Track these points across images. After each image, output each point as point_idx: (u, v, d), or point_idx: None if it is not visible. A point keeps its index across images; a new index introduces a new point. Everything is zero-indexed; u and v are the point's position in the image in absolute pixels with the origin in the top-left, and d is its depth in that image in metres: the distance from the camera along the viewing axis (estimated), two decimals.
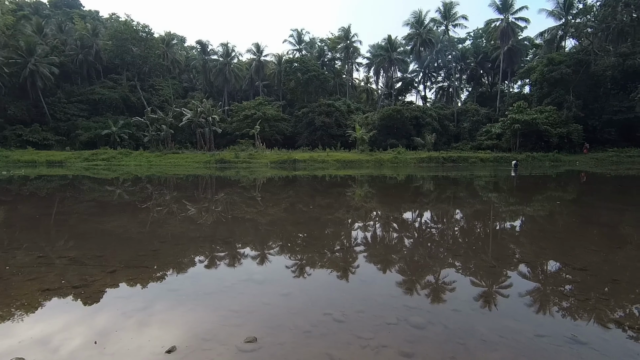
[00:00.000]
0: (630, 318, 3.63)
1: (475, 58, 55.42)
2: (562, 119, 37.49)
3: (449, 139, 45.06)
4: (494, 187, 18.13)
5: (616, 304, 4.00)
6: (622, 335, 3.27)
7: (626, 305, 3.97)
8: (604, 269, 5.25)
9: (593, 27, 39.03)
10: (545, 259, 5.94)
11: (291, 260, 5.85)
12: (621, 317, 3.65)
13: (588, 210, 11.27)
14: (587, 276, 4.91)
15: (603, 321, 3.54)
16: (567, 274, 5.19)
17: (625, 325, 3.44)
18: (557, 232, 8.08)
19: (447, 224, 9.34)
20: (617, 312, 3.79)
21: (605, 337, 3.23)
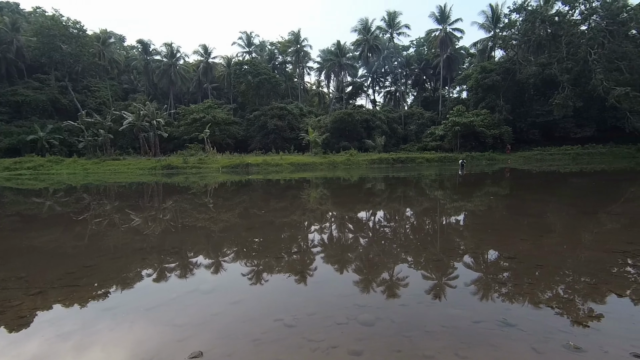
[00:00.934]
0: (553, 299, 4.04)
1: (418, 65, 58.79)
2: (495, 121, 41.13)
3: (397, 141, 47.18)
4: (440, 185, 19.30)
5: (541, 287, 4.43)
6: (545, 314, 3.62)
7: (549, 288, 4.42)
8: (531, 255, 5.80)
9: (517, 39, 43.45)
10: (485, 250, 6.42)
11: (245, 267, 5.67)
12: (545, 299, 4.04)
13: (518, 203, 12.44)
14: (518, 263, 5.39)
15: (530, 303, 3.90)
16: (502, 261, 5.65)
17: (549, 305, 3.82)
18: (493, 225, 8.79)
19: (399, 222, 9.73)
20: (542, 294, 4.19)
21: (531, 317, 3.56)
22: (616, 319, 3.48)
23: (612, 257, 5.49)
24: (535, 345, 2.95)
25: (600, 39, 36.12)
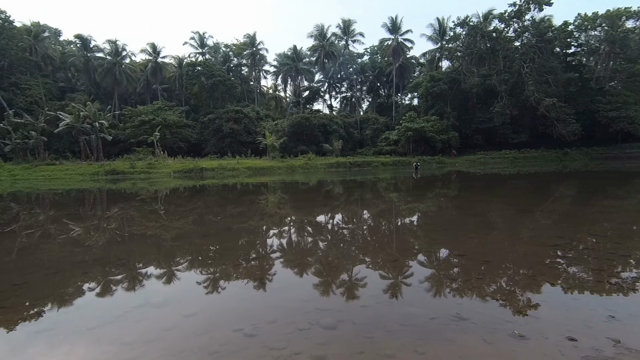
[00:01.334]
0: (498, 292, 4.35)
1: (373, 72, 60.89)
2: (443, 127, 43.80)
3: (354, 145, 48.32)
4: (395, 188, 20.04)
5: (488, 281, 4.75)
6: (492, 307, 3.88)
7: (495, 282, 4.75)
8: (478, 252, 6.21)
9: (461, 51, 46.87)
10: (437, 248, 6.76)
11: (201, 276, 5.40)
12: (491, 292, 4.34)
13: (465, 203, 13.30)
14: (467, 260, 5.74)
15: (478, 297, 4.16)
16: (453, 259, 5.98)
17: (495, 298, 4.10)
18: (444, 224, 9.30)
19: (357, 224, 9.91)
20: (488, 288, 4.50)
21: (481, 310, 3.79)
22: (551, 307, 3.83)
23: (545, 251, 6.05)
24: (485, 336, 3.14)
25: (531, 54, 40.16)
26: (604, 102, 41.05)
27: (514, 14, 41.62)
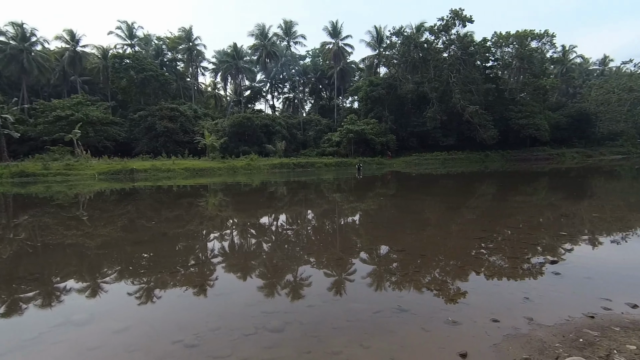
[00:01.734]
0: (434, 283, 4.68)
1: (315, 74, 61.74)
2: (382, 130, 46.07)
3: (297, 146, 48.45)
4: (338, 188, 20.53)
5: (424, 273, 5.10)
6: (429, 297, 4.17)
7: (430, 273, 5.11)
8: (415, 247, 6.64)
9: (397, 59, 49.79)
10: (378, 245, 7.07)
11: (132, 287, 4.93)
12: (428, 283, 4.66)
13: (403, 202, 14.14)
14: (405, 255, 6.10)
15: (416, 289, 4.44)
16: (392, 254, 6.31)
17: (430, 289, 4.42)
18: (384, 222, 9.76)
19: (301, 225, 9.93)
20: (424, 279, 4.83)
21: (419, 301, 4.06)
22: (478, 293, 4.24)
23: (471, 243, 6.69)
24: (423, 325, 3.35)
25: (457, 65, 44.21)
26: (515, 110, 46.84)
27: (442, 28, 45.46)
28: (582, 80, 64.37)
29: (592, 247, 6.56)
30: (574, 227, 8.26)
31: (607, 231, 7.94)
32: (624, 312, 3.49)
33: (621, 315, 3.41)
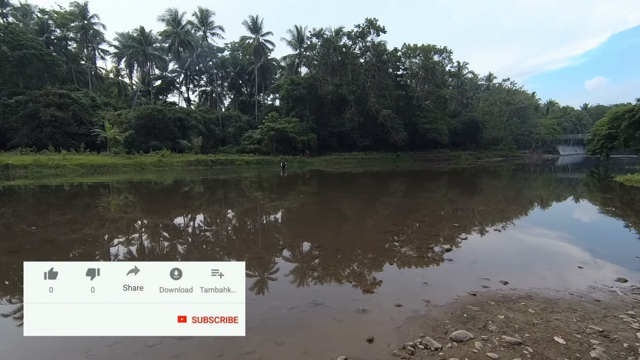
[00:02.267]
0: (349, 275, 4.98)
1: (234, 68, 59.54)
2: (303, 129, 46.83)
3: (216, 143, 46.18)
4: (260, 186, 20.21)
5: (342, 267, 5.38)
6: (344, 289, 4.43)
7: (348, 267, 5.42)
8: (334, 242, 6.96)
9: (317, 60, 51.13)
10: (299, 242, 7.20)
11: (9, 306, 4.11)
12: (345, 276, 4.94)
13: (323, 199, 14.64)
14: (325, 250, 6.34)
15: (334, 282, 4.67)
16: (313, 250, 6.50)
17: (347, 281, 4.69)
18: (305, 219, 9.98)
19: (221, 224, 9.52)
20: (342, 272, 5.10)
21: (334, 294, 4.28)
22: (387, 282, 4.66)
23: (385, 236, 7.29)
24: (337, 316, 3.54)
25: (372, 71, 47.40)
26: (421, 116, 52.38)
27: (359, 34, 48.24)
28: (472, 93, 75.20)
29: (478, 236, 7.75)
30: (467, 219, 9.63)
31: (490, 221, 9.46)
32: (498, 289, 4.22)
33: (496, 291, 4.11)
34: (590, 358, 2.63)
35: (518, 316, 3.38)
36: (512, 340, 2.87)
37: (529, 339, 2.92)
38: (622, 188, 15.41)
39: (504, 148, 67.54)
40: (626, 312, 3.46)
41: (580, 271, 4.90)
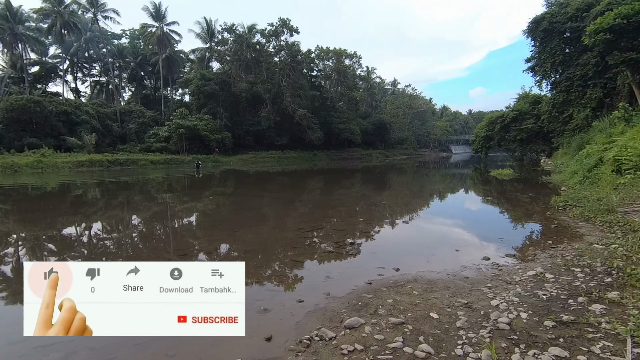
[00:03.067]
0: (255, 277, 4.92)
1: (134, 58, 53.64)
2: (217, 127, 44.70)
3: (114, 140, 41.06)
4: (169, 188, 18.59)
5: (259, 266, 5.27)
6: (254, 290, 4.35)
7: (267, 266, 5.34)
8: (254, 242, 6.80)
9: (230, 56, 49.33)
10: (217, 245, 6.87)
11: None
12: (259, 277, 4.85)
13: (241, 199, 14.15)
14: (244, 252, 6.17)
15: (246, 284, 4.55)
16: (232, 252, 6.26)
17: (253, 283, 4.62)
18: (222, 221, 9.53)
19: (124, 231, 8.48)
20: (257, 272, 5.00)
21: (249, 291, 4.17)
22: (292, 280, 4.73)
23: (295, 234, 7.40)
24: None
25: (287, 70, 47.73)
26: (335, 116, 54.76)
27: (272, 33, 48.08)
28: (380, 96, 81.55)
29: (381, 228, 8.43)
30: (373, 213, 10.39)
31: (393, 214, 10.38)
32: (390, 275, 4.64)
33: (388, 278, 4.52)
34: (456, 327, 3.07)
35: (404, 298, 3.77)
36: (396, 321, 3.18)
37: (411, 318, 3.28)
38: (496, 181, 18.50)
39: (408, 147, 75.07)
40: (486, 285, 4.15)
41: (457, 253, 5.71)
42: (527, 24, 25.19)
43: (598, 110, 20.93)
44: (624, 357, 2.45)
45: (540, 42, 24.94)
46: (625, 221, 6.27)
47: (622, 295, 3.48)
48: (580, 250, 5.24)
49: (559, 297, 3.62)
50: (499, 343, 2.75)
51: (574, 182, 11.93)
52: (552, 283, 4.04)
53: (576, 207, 8.25)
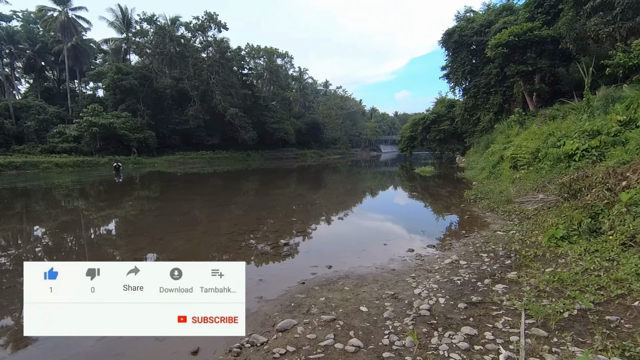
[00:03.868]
0: None
1: (31, 45, 46.14)
2: (138, 125, 40.80)
3: (7, 140, 34.87)
4: (81, 194, 16.34)
5: None
6: None
7: None
8: (184, 249, 6.31)
9: (151, 49, 45.44)
10: (142, 254, 6.22)
11: None
12: None
13: (169, 203, 13.01)
14: (173, 259, 5.66)
15: None
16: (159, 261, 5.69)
17: None
18: (148, 228, 8.66)
19: (24, 246, 7.17)
20: None
21: None
22: None
23: (241, 236, 7.10)
24: (159, 335, 3.17)
25: (216, 67, 45.67)
26: (269, 116, 54.05)
27: (198, 27, 45.56)
28: (313, 97, 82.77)
29: (317, 226, 8.54)
30: (313, 211, 10.49)
31: (331, 212, 10.59)
32: (323, 274, 4.72)
33: (321, 277, 4.59)
34: (384, 318, 3.23)
35: (336, 295, 3.85)
36: (328, 319, 3.23)
37: (342, 314, 3.36)
38: (420, 177, 20.08)
39: (341, 147, 77.61)
40: (410, 275, 4.46)
41: (385, 247, 6.05)
42: (442, 35, 27.83)
43: (499, 114, 24.07)
44: (519, 329, 2.82)
45: (452, 52, 27.77)
46: (521, 210, 7.29)
47: (519, 275, 4.02)
48: (487, 237, 5.95)
49: (470, 280, 4.05)
50: (420, 329, 2.96)
51: (483, 177, 13.53)
52: (465, 269, 4.50)
53: (484, 199, 9.35)
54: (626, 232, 4.05)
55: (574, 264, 3.91)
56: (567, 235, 4.71)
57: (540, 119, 15.00)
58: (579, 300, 3.09)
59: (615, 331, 2.63)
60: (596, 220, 4.69)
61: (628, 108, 8.71)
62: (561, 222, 5.06)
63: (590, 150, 7.90)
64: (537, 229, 5.58)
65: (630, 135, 7.29)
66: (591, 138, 8.27)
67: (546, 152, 9.39)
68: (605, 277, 3.42)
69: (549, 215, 5.96)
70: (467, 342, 2.70)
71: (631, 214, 4.33)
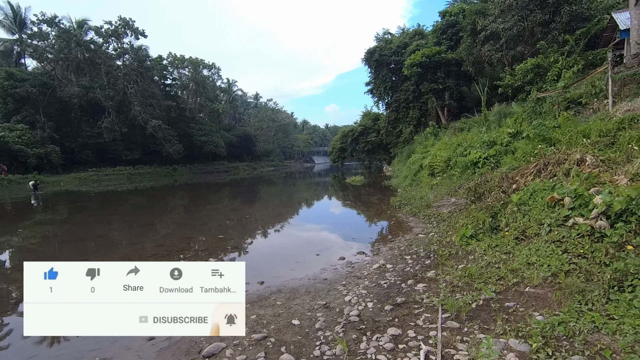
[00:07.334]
0: None
1: None
2: (37, 139, 35.41)
3: None
4: None
5: None
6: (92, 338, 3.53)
7: None
8: None
9: (53, 54, 40.19)
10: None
11: None
12: None
13: (82, 227, 11.35)
14: None
15: None
16: None
17: None
18: (54, 256, 7.39)
19: None
20: None
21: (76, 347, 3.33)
22: None
23: (170, 256, 6.49)
24: None
25: (134, 76, 42.15)
26: (196, 129, 51.42)
27: (111, 33, 41.77)
28: (243, 109, 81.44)
29: (251, 241, 8.29)
30: (247, 226, 10.12)
31: (265, 225, 10.35)
32: (255, 290, 4.58)
33: (252, 294, 4.44)
34: (315, 329, 3.25)
35: (267, 311, 3.77)
36: (259, 337, 3.14)
37: (274, 330, 3.29)
38: (352, 187, 20.88)
39: (275, 159, 77.27)
40: (341, 283, 4.58)
41: (318, 257, 6.13)
42: (364, 54, 29.81)
43: (418, 126, 26.49)
44: (437, 324, 3.08)
45: (374, 70, 29.90)
46: (438, 213, 8.05)
47: (436, 273, 4.41)
48: (410, 240, 6.42)
49: (395, 283, 4.31)
50: (350, 335, 3.04)
51: (406, 184, 14.65)
52: (391, 272, 4.78)
53: (407, 205, 10.11)
54: (518, 228, 4.72)
55: (480, 259, 4.42)
56: (474, 233, 5.33)
57: (451, 131, 16.91)
58: (484, 291, 3.49)
59: (512, 315, 3.03)
60: (495, 219, 5.39)
61: (515, 122, 10.31)
62: (469, 222, 5.70)
63: (489, 158, 9.13)
64: (451, 229, 6.21)
65: (517, 145, 8.60)
66: (489, 148, 9.56)
67: (456, 161, 10.58)
68: (503, 268, 3.94)
69: (460, 216, 6.68)
70: (392, 343, 2.85)
71: (521, 212, 5.08)
